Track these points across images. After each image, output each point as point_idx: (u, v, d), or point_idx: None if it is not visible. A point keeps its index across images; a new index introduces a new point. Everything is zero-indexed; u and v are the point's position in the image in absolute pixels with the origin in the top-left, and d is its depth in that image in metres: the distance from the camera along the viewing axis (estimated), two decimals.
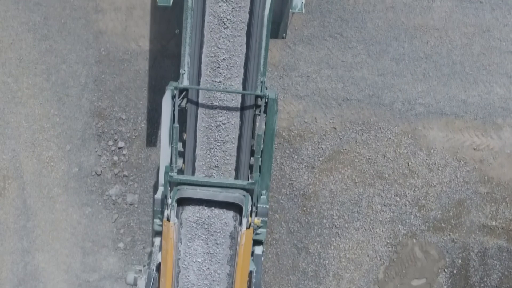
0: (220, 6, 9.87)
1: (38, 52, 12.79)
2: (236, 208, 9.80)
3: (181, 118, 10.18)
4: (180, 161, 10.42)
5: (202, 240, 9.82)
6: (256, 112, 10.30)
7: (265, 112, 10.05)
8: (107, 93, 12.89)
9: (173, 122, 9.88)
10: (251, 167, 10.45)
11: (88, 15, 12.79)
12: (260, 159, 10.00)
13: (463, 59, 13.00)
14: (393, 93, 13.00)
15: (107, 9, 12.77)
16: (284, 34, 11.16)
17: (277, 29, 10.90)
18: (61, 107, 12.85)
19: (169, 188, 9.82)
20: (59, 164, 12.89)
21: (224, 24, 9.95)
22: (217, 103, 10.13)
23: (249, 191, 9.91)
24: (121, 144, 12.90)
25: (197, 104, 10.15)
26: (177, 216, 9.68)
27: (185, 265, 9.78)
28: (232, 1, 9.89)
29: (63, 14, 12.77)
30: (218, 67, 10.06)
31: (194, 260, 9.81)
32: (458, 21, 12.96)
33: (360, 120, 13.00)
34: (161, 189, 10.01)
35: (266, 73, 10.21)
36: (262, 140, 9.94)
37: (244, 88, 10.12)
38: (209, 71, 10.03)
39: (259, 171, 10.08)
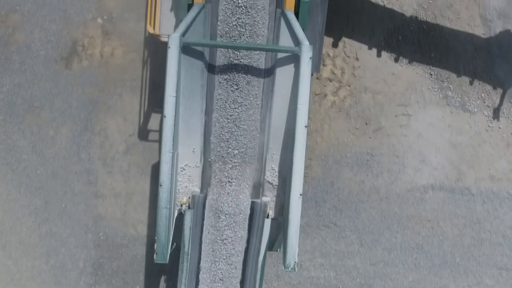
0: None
1: (38, 236, 13.07)
2: None
3: None
4: None
5: None
6: None
7: None
8: (104, 276, 13.16)
9: None
10: None
11: (88, 200, 13.07)
12: None
13: (454, 250, 13.29)
14: (384, 282, 13.27)
15: (107, 195, 13.06)
16: (278, 249, 11.46)
17: (272, 244, 11.20)
18: None
19: None
20: None
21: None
22: None
23: None
24: None
25: None
26: None
27: None
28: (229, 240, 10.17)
29: (63, 198, 13.06)
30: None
31: None
32: (450, 213, 13.25)
33: None
34: None
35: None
36: None
37: None
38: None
39: None
